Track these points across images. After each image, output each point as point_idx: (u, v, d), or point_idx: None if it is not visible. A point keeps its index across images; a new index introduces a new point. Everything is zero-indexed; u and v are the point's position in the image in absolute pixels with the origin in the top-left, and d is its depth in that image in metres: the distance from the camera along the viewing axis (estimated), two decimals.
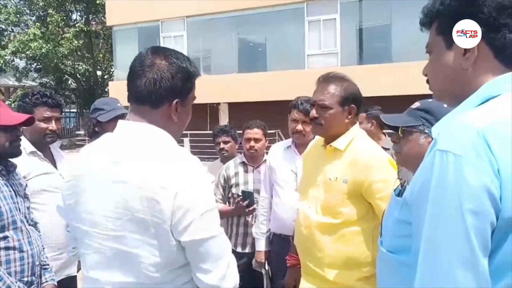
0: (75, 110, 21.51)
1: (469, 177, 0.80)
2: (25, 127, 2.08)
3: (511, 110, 0.86)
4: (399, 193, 1.07)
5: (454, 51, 0.96)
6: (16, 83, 18.92)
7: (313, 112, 1.95)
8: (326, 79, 1.98)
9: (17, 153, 1.98)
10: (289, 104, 2.67)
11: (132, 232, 1.18)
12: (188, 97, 1.30)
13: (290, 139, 2.76)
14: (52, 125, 2.34)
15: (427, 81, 1.06)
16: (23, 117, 1.97)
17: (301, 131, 2.60)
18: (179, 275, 1.24)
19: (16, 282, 1.85)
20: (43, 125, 2.32)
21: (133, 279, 1.21)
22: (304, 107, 2.53)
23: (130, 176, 1.18)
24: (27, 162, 2.16)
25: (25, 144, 2.16)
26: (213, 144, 3.52)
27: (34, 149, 2.33)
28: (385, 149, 2.42)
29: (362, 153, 1.89)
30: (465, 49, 0.94)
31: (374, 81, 10.88)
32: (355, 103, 1.96)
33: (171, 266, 1.21)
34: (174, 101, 1.25)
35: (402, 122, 1.58)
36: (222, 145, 3.34)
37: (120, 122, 1.30)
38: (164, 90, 1.23)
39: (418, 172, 0.92)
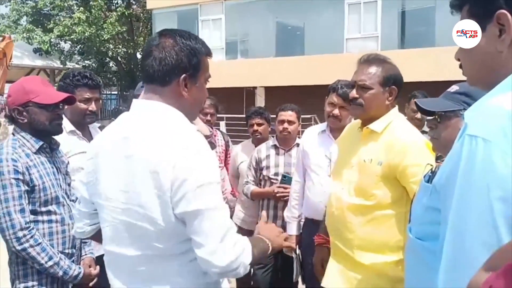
0: (116, 92, 22.06)
1: (498, 163, 0.77)
2: (66, 107, 2.16)
3: None
4: (429, 179, 1.05)
5: (488, 34, 0.92)
6: (61, 66, 19.57)
7: (353, 92, 1.93)
8: (367, 60, 1.95)
9: (58, 131, 2.06)
10: (328, 87, 2.64)
11: (137, 205, 1.24)
12: (198, 74, 1.33)
13: (325, 123, 2.74)
14: (92, 106, 2.41)
15: (460, 66, 1.03)
16: (63, 95, 2.04)
17: (338, 116, 2.57)
18: (188, 249, 1.25)
19: (58, 253, 1.95)
20: (83, 105, 2.38)
21: (142, 251, 1.27)
22: (344, 92, 2.50)
23: (136, 151, 1.24)
24: (66, 140, 2.24)
25: (65, 123, 2.24)
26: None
27: (73, 128, 2.41)
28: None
29: (399, 136, 1.86)
30: (500, 30, 0.90)
31: (415, 65, 10.53)
32: (396, 85, 1.92)
33: (177, 237, 1.24)
34: (182, 77, 1.29)
35: (442, 107, 1.52)
36: (255, 127, 3.33)
37: (134, 100, 1.36)
38: (170, 67, 1.28)
39: (448, 157, 0.90)
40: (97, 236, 1.51)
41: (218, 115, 3.74)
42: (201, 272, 1.28)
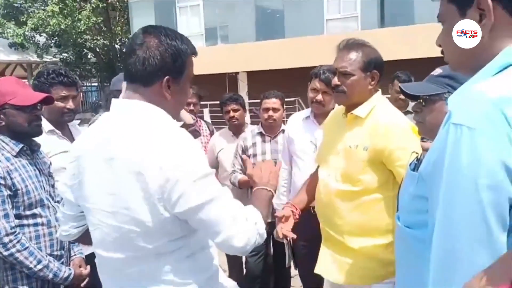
0: (96, 84, 21.69)
1: (484, 150, 0.77)
2: (44, 107, 2.11)
3: None
4: (415, 167, 1.05)
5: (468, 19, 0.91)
6: (38, 60, 19.11)
7: (335, 80, 1.92)
8: (346, 46, 1.94)
9: (38, 132, 2.01)
10: (310, 72, 2.62)
11: (123, 208, 1.22)
12: (182, 75, 1.30)
13: (309, 109, 2.73)
14: (70, 104, 2.35)
15: (442, 52, 1.02)
16: (40, 96, 1.99)
17: (321, 101, 2.56)
18: (181, 247, 1.26)
19: (46, 256, 1.93)
20: (60, 104, 2.32)
21: (131, 253, 1.25)
22: (326, 77, 2.48)
23: (118, 152, 1.21)
24: (46, 141, 2.18)
25: (44, 123, 2.18)
26: None
27: (52, 127, 2.35)
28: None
29: (383, 120, 1.87)
30: (480, 15, 0.89)
31: (396, 44, 10.57)
32: (378, 69, 1.92)
33: (168, 236, 1.23)
34: (165, 79, 1.26)
35: (426, 91, 1.51)
36: (232, 113, 3.27)
37: (113, 100, 1.33)
38: (153, 68, 1.25)
39: (433, 146, 0.90)
40: (84, 238, 1.49)
41: (201, 103, 3.68)
42: (200, 268, 1.28)
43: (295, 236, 1.99)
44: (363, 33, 11.97)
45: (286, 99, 3.18)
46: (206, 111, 12.64)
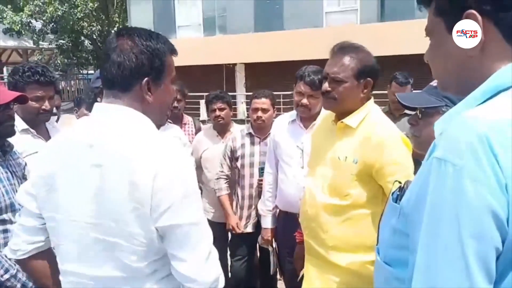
0: (92, 72, 21.54)
1: (469, 193, 0.68)
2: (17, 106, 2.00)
3: None
4: (397, 197, 0.96)
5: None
6: (34, 46, 18.91)
7: (326, 86, 1.82)
8: (340, 50, 1.83)
9: (10, 133, 1.91)
10: (295, 74, 2.52)
11: (110, 219, 1.13)
12: (162, 76, 1.22)
13: (295, 112, 2.63)
14: (46, 104, 2.23)
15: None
16: (13, 95, 1.88)
17: (307, 105, 2.45)
18: (161, 267, 1.18)
19: (15, 264, 1.84)
20: (35, 104, 2.20)
21: (112, 271, 1.16)
22: (311, 79, 2.38)
23: (105, 159, 1.13)
24: (19, 140, 2.07)
25: (17, 122, 2.06)
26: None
27: (26, 126, 2.24)
28: None
29: (375, 131, 1.77)
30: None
31: (396, 39, 10.47)
32: (372, 77, 1.82)
33: (153, 255, 1.16)
34: (144, 81, 1.18)
35: (423, 103, 1.42)
36: (217, 112, 3.13)
37: (96, 104, 1.24)
38: (129, 71, 1.18)
39: (416, 178, 0.81)
40: (39, 257, 1.35)
41: (197, 94, 3.59)
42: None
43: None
44: (362, 27, 11.85)
45: (284, 93, 3.08)
46: (202, 102, 12.54)
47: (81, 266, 1.20)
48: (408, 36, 10.87)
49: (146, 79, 1.19)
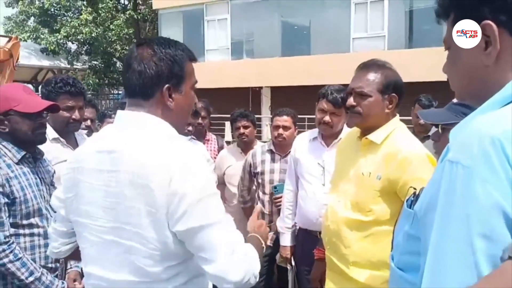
0: (122, 92, 22.13)
1: (478, 193, 0.68)
2: (49, 114, 2.10)
3: None
4: (411, 204, 0.97)
5: (473, 47, 0.84)
6: (68, 66, 19.62)
7: (351, 100, 1.83)
8: (365, 66, 1.85)
9: (42, 140, 2.00)
10: (318, 92, 2.55)
11: (126, 223, 1.16)
12: (182, 82, 1.26)
13: (317, 130, 2.64)
14: (76, 114, 2.34)
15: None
16: (46, 103, 1.98)
17: (329, 123, 2.47)
18: (179, 272, 1.19)
19: (40, 268, 1.89)
20: (66, 114, 2.31)
21: (129, 275, 1.18)
22: (334, 97, 2.41)
23: (123, 164, 1.16)
24: (50, 148, 2.17)
25: (48, 131, 2.17)
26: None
27: (57, 135, 2.34)
28: None
29: (399, 148, 1.76)
30: (486, 43, 0.82)
31: (423, 65, 10.40)
32: (397, 92, 1.82)
33: (169, 261, 1.17)
34: (165, 88, 1.22)
35: (442, 119, 1.43)
36: (242, 130, 3.21)
37: (118, 112, 1.29)
38: (150, 79, 1.21)
39: (429, 184, 0.81)
40: (75, 255, 1.44)
41: (222, 115, 3.67)
42: None
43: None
44: (390, 53, 11.83)
45: (307, 116, 3.12)
46: (227, 124, 12.68)
47: (100, 269, 1.24)
48: (435, 63, 10.80)
49: (166, 85, 1.22)
